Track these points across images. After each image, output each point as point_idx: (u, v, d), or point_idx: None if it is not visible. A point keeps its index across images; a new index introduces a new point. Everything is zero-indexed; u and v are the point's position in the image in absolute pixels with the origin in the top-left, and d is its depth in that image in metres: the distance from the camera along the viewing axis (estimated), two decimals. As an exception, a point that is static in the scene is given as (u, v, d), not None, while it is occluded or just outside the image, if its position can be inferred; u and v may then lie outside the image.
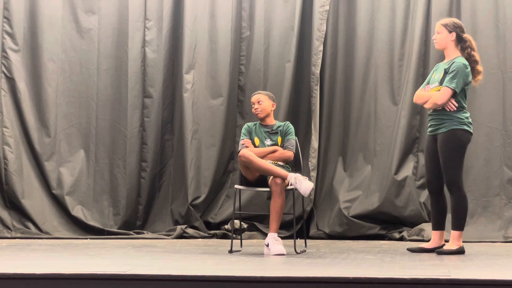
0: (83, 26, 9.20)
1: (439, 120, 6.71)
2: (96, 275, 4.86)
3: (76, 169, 9.12)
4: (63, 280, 4.83)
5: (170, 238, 8.75)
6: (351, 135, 9.13)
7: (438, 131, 6.72)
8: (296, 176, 6.64)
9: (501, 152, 8.86)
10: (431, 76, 6.88)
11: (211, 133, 9.12)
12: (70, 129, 9.18)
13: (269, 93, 7.21)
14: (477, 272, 5.37)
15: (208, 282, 4.74)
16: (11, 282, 4.82)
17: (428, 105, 6.74)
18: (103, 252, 6.90)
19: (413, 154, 8.96)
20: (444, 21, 6.90)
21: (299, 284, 4.67)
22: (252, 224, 8.89)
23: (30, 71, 9.04)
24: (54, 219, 8.97)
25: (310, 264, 5.94)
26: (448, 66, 6.69)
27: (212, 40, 9.19)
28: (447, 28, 6.77)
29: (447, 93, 6.58)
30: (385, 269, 5.51)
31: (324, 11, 8.99)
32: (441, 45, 6.83)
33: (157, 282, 4.77)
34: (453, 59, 6.72)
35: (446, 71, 6.67)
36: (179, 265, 5.84)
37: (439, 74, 6.76)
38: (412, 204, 8.84)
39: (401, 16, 9.05)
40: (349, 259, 6.35)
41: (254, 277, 4.77)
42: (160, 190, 9.26)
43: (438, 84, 6.69)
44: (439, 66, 6.89)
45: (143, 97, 9.20)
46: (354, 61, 9.13)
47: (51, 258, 6.26)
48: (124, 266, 5.42)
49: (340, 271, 5.21)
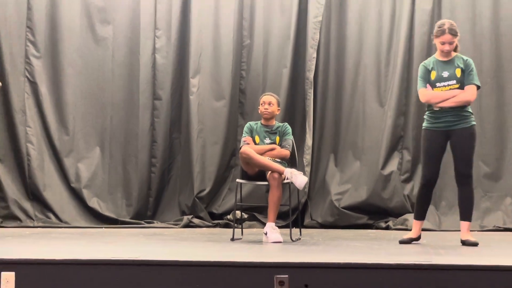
0: (99, 35, 9.19)
1: (458, 116, 6.38)
2: (110, 261, 4.86)
3: (93, 164, 9.11)
4: (81, 265, 4.83)
5: (177, 227, 8.75)
6: (341, 133, 9.12)
7: (456, 127, 6.40)
8: (292, 171, 6.65)
9: (478, 149, 8.77)
10: (428, 75, 6.40)
11: (215, 132, 9.12)
12: (87, 128, 9.17)
13: (278, 98, 7.22)
14: (455, 257, 5.38)
15: (212, 267, 4.74)
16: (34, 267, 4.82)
17: (453, 103, 6.32)
18: (117, 240, 6.90)
19: (398, 151, 8.96)
20: (455, 28, 6.40)
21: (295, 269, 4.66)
22: (252, 214, 8.88)
23: (50, 76, 9.02)
24: (73, 209, 8.96)
25: (305, 251, 5.94)
26: (463, 64, 6.36)
27: (216, 48, 9.18)
28: (457, 35, 6.39)
29: (475, 90, 6.36)
30: (372, 255, 5.51)
31: (317, 21, 8.98)
32: (452, 48, 6.40)
33: (166, 267, 4.77)
34: (458, 57, 6.41)
35: (463, 69, 6.34)
36: (185, 251, 5.84)
37: (449, 72, 6.36)
38: (397, 197, 8.84)
39: (387, 26, 9.04)
40: (340, 246, 6.36)
41: (254, 262, 4.77)
42: (169, 184, 9.25)
43: (456, 82, 6.33)
44: (432, 64, 6.43)
45: (153, 99, 9.19)
46: (345, 66, 9.12)
47: (69, 245, 6.27)
48: (136, 253, 5.42)
49: (331, 257, 5.21)
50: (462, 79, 6.35)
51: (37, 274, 4.78)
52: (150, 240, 6.91)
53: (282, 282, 4.58)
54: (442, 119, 6.40)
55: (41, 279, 4.76)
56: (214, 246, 6.37)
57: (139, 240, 6.90)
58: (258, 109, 7.24)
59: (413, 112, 8.92)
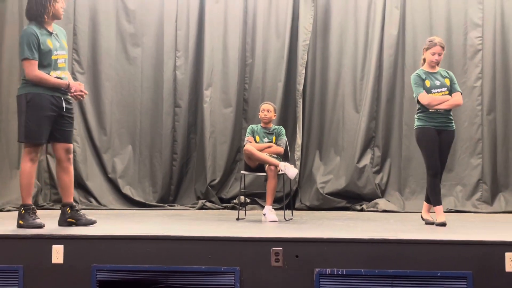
0: (130, 55, 9.18)
1: (448, 118, 6.24)
2: (140, 236, 4.87)
3: (126, 159, 9.10)
4: (116, 240, 4.84)
5: (193, 209, 8.74)
6: (325, 134, 9.11)
7: (448, 128, 6.25)
8: (285, 164, 6.67)
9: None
10: (422, 82, 6.22)
11: (224, 133, 9.10)
12: (121, 130, 9.16)
13: (275, 106, 7.28)
14: (417, 233, 5.37)
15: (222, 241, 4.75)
16: (79, 241, 4.83)
17: (448, 106, 6.19)
18: (145, 220, 6.90)
19: (370, 148, 8.94)
20: (442, 43, 6.33)
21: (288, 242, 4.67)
22: (253, 199, 8.87)
23: (92, 88, 9.01)
24: (109, 195, 8.95)
25: (296, 228, 5.94)
26: (449, 75, 6.30)
27: (224, 66, 9.17)
28: (444, 49, 6.36)
29: (461, 96, 6.30)
30: (349, 232, 5.51)
31: (305, 44, 8.96)
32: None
33: (184, 241, 4.78)
34: (442, 70, 6.34)
35: (450, 80, 6.27)
36: (200, 229, 5.84)
37: (439, 81, 6.23)
38: (370, 185, 8.82)
39: (361, 48, 9.03)
40: (323, 224, 6.36)
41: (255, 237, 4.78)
42: (187, 175, 9.23)
43: (446, 89, 6.21)
44: (423, 74, 6.25)
45: (174, 107, 9.18)
46: (328, 81, 9.10)
47: (107, 224, 6.28)
48: (161, 230, 5.42)
49: (317, 233, 5.21)
50: (450, 87, 6.26)
51: (81, 247, 4.79)
52: (171, 220, 6.91)
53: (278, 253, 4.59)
54: (437, 120, 6.20)
55: (84, 251, 4.77)
56: (223, 224, 6.37)
57: (163, 220, 6.89)
58: (258, 114, 7.27)
59: (382, 117, 8.92)
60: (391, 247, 4.56)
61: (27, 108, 5.46)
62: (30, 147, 5.53)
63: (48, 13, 5.58)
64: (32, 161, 5.53)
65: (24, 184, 5.54)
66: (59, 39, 5.68)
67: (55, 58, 5.58)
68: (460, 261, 4.49)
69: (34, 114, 5.46)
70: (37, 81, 5.47)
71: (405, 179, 8.85)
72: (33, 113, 5.46)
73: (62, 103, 5.60)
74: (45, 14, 5.57)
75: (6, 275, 4.74)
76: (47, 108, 5.50)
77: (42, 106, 5.48)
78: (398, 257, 4.53)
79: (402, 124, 8.89)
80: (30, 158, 5.53)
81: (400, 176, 8.91)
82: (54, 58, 5.57)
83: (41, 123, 5.48)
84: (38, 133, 5.49)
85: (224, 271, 4.61)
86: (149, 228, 5.86)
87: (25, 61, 5.46)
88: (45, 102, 5.50)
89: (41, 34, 5.53)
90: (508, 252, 4.47)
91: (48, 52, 5.53)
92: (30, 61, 5.45)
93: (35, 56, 5.45)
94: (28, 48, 5.44)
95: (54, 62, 5.56)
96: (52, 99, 5.53)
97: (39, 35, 5.51)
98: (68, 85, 5.61)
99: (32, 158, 5.53)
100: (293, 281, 4.57)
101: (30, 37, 5.46)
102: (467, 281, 4.44)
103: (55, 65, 5.58)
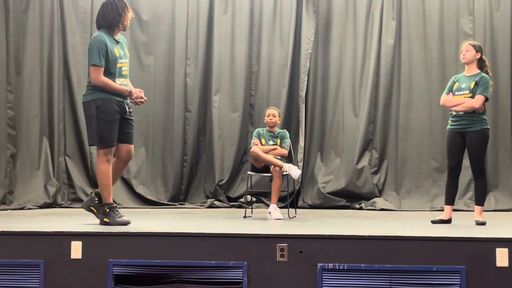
0: (144, 63, 9.19)
1: (470, 120, 5.97)
2: (153, 233, 4.87)
3: (139, 160, 9.10)
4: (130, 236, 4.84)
5: (203, 207, 8.73)
6: (326, 137, 9.09)
7: (469, 129, 5.97)
8: (289, 166, 6.67)
9: (429, 149, 8.84)
10: (452, 85, 6.12)
11: (231, 136, 9.10)
12: (135, 133, 9.01)
13: (279, 111, 7.30)
14: (413, 230, 5.36)
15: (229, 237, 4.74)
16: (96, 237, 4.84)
17: (462, 108, 5.97)
18: (158, 217, 6.91)
19: (368, 150, 8.92)
20: (472, 42, 6.22)
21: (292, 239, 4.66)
22: (259, 198, 8.86)
23: (108, 94, 9.01)
24: (124, 194, 8.95)
25: (299, 226, 5.93)
26: (478, 79, 5.99)
27: (232, 73, 9.16)
28: (475, 48, 6.07)
29: (482, 99, 5.93)
30: (349, 229, 5.50)
31: (308, 53, 8.96)
32: (468, 60, 6.06)
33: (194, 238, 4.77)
34: (478, 74, 6.05)
35: (477, 82, 5.96)
36: (209, 226, 5.84)
37: (466, 84, 6.02)
38: (368, 185, 8.80)
39: (360, 56, 9.02)
40: (325, 222, 6.35)
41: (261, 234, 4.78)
42: (196, 175, 9.22)
43: (469, 92, 5.98)
44: (459, 77, 6.15)
45: (185, 111, 9.18)
46: (328, 87, 9.09)
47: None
48: (172, 227, 5.42)
49: (320, 230, 5.20)
50: (475, 90, 6.00)
51: (98, 243, 4.79)
52: (182, 217, 6.91)
53: (283, 249, 4.58)
54: (458, 122, 6.05)
55: (101, 247, 4.77)
56: (231, 221, 6.37)
57: (174, 217, 6.90)
58: (264, 119, 7.25)
59: (380, 121, 8.91)
60: (389, 243, 4.56)
61: (98, 114, 5.46)
62: (105, 149, 5.53)
63: (122, 22, 5.55)
64: (108, 162, 5.57)
65: (104, 184, 5.58)
66: (123, 48, 5.66)
67: (120, 66, 5.56)
68: (454, 256, 4.50)
69: (105, 119, 5.48)
70: (102, 86, 5.44)
71: (401, 180, 8.84)
72: (104, 117, 5.47)
73: (125, 107, 5.64)
74: (120, 22, 5.54)
75: (28, 269, 4.76)
76: (115, 112, 5.53)
77: (111, 111, 5.50)
78: (395, 253, 4.53)
79: (398, 128, 8.88)
80: (106, 160, 5.57)
81: (397, 177, 8.89)
82: (119, 66, 5.55)
83: (112, 126, 5.52)
84: (111, 136, 5.54)
85: (233, 265, 4.61)
86: (162, 225, 5.86)
87: (93, 67, 5.42)
88: (114, 106, 5.52)
89: (110, 42, 5.49)
90: (499, 248, 4.47)
91: (114, 60, 5.50)
92: (97, 67, 5.41)
93: (102, 63, 5.41)
94: (97, 55, 5.39)
95: (119, 70, 5.55)
96: (118, 104, 5.54)
97: (108, 43, 5.46)
98: (130, 91, 5.62)
99: (108, 159, 5.57)
100: (297, 275, 4.56)
101: (100, 45, 5.41)
102: (461, 275, 4.46)
103: (119, 72, 5.56)
